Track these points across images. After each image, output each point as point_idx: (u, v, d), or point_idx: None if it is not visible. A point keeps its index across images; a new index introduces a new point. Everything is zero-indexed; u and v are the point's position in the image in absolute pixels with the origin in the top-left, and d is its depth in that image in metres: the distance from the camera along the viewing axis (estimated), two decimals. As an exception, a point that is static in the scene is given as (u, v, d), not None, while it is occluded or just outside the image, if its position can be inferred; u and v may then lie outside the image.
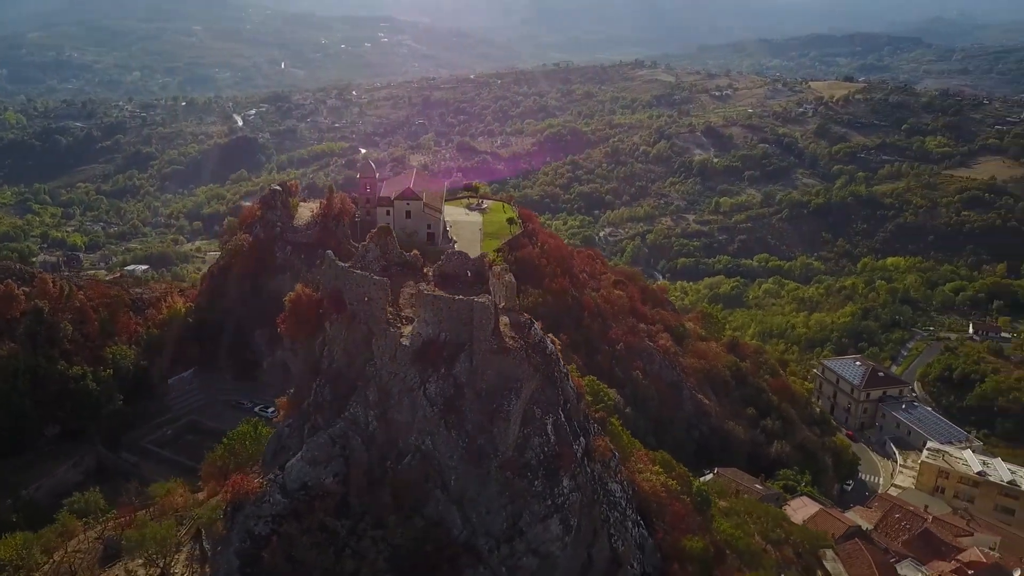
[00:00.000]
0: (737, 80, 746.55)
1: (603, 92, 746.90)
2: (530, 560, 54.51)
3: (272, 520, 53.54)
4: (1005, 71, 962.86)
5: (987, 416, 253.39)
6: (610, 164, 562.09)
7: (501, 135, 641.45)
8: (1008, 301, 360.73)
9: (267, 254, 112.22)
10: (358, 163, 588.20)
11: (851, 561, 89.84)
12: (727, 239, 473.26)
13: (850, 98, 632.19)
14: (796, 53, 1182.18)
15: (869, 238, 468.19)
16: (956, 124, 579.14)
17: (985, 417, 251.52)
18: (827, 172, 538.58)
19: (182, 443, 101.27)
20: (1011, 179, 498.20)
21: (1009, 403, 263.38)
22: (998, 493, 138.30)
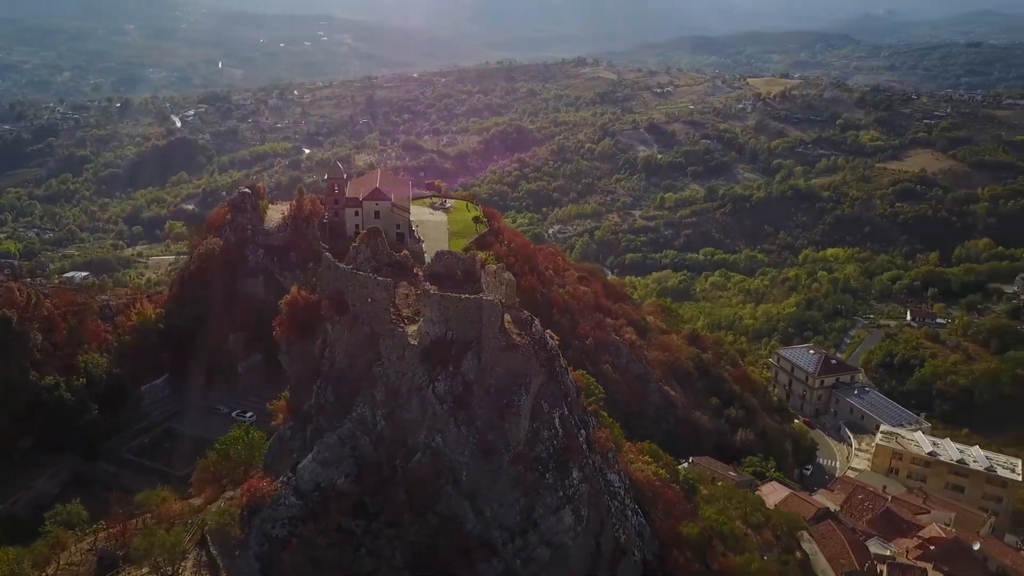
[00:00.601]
0: (678, 77, 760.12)
1: (547, 90, 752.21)
2: (543, 551, 56.29)
3: (288, 522, 54.11)
4: (929, 67, 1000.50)
5: (927, 399, 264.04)
6: (556, 162, 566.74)
7: (447, 134, 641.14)
8: (942, 288, 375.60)
9: (238, 258, 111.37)
10: (302, 164, 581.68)
11: (825, 541, 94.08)
12: (673, 234, 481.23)
13: (787, 94, 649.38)
14: (733, 50, 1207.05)
15: (809, 230, 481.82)
16: (887, 119, 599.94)
17: (925, 400, 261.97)
18: (767, 166, 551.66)
19: (160, 451, 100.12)
20: (940, 171, 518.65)
21: (947, 386, 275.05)
22: (948, 472, 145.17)
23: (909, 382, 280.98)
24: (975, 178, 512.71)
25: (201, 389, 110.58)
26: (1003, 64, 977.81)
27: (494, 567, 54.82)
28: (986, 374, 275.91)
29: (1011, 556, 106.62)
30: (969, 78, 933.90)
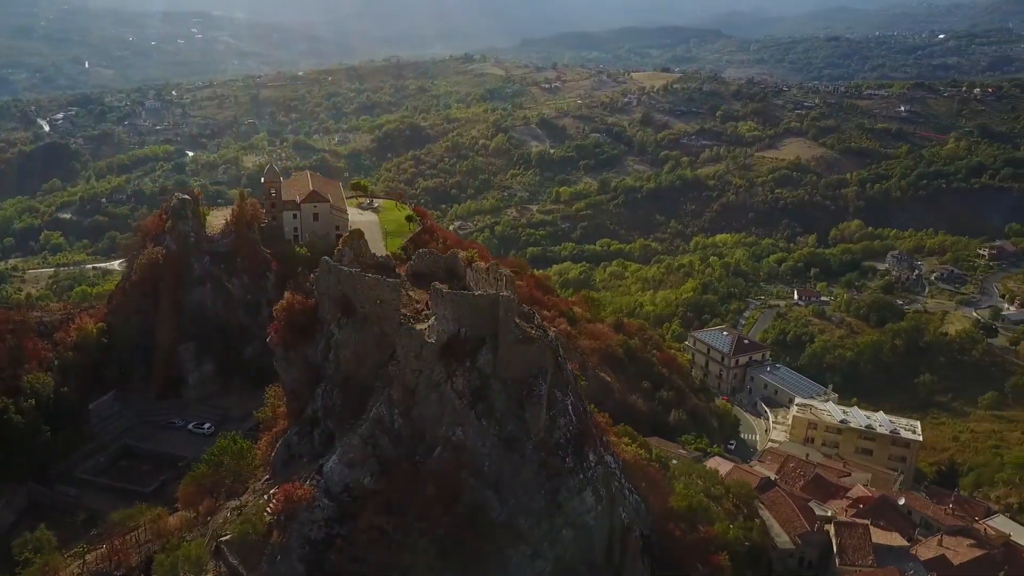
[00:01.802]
0: (564, 73, 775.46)
1: (436, 87, 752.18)
2: (568, 532, 59.54)
3: (325, 524, 55.02)
4: (795, 60, 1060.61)
5: (818, 373, 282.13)
6: (452, 158, 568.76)
7: (338, 132, 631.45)
8: (822, 268, 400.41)
9: (183, 266, 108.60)
10: (187, 168, 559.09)
11: (775, 507, 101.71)
12: (570, 227, 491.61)
13: (668, 88, 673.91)
14: (613, 46, 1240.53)
15: (698, 218, 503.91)
16: (762, 110, 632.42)
17: (816, 374, 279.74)
18: (655, 158, 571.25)
19: (118, 469, 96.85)
20: (813, 159, 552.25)
21: (835, 360, 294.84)
22: (858, 437, 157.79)
23: (802, 357, 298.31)
24: (844, 164, 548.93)
25: (150, 403, 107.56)
26: (859, 57, 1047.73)
27: (521, 551, 57.58)
28: (869, 346, 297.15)
29: (931, 508, 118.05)
30: (830, 70, 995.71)
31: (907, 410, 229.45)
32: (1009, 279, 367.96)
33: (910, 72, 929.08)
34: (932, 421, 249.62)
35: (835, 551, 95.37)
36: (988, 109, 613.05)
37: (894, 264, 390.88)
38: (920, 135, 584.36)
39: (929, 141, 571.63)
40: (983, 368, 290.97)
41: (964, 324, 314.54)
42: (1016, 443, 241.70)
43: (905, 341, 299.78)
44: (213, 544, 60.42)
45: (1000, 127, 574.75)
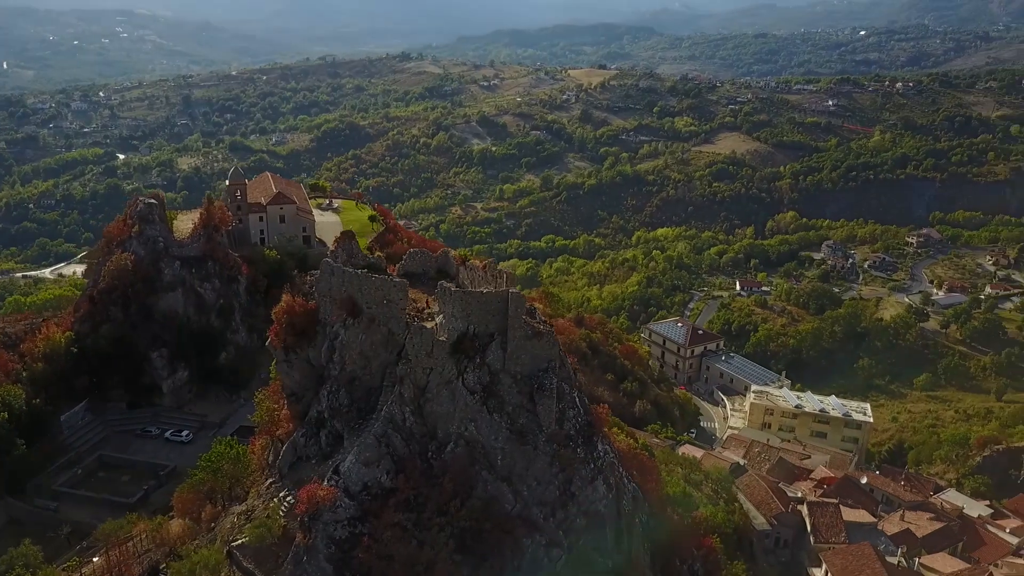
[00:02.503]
0: (502, 71, 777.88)
1: (374, 85, 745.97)
2: (581, 520, 61.31)
3: (348, 523, 55.47)
4: (725, 56, 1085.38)
5: (763, 360, 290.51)
6: (393, 157, 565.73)
7: (275, 132, 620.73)
8: (762, 259, 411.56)
9: (153, 272, 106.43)
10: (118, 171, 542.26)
11: (750, 491, 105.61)
12: (515, 224, 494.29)
13: (606, 84, 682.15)
14: (548, 43, 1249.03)
15: (639, 213, 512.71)
16: (697, 105, 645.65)
17: (761, 362, 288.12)
18: (595, 154, 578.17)
19: (96, 480, 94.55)
20: (747, 152, 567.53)
21: (779, 347, 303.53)
22: (812, 421, 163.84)
23: (746, 346, 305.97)
24: (777, 157, 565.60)
25: (123, 412, 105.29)
26: (786, 53, 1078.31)
27: (537, 541, 59.12)
28: (810, 333, 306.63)
29: (892, 486, 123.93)
30: (759, 66, 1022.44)
31: (848, 394, 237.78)
32: (936, 265, 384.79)
33: (834, 67, 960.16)
34: (872, 403, 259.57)
35: (809, 530, 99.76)
36: (909, 102, 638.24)
37: (829, 253, 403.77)
38: (847, 128, 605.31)
39: (856, 134, 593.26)
40: (917, 351, 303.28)
41: (898, 310, 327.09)
42: (951, 421, 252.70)
43: (844, 327, 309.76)
44: (224, 549, 60.29)
45: (921, 120, 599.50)
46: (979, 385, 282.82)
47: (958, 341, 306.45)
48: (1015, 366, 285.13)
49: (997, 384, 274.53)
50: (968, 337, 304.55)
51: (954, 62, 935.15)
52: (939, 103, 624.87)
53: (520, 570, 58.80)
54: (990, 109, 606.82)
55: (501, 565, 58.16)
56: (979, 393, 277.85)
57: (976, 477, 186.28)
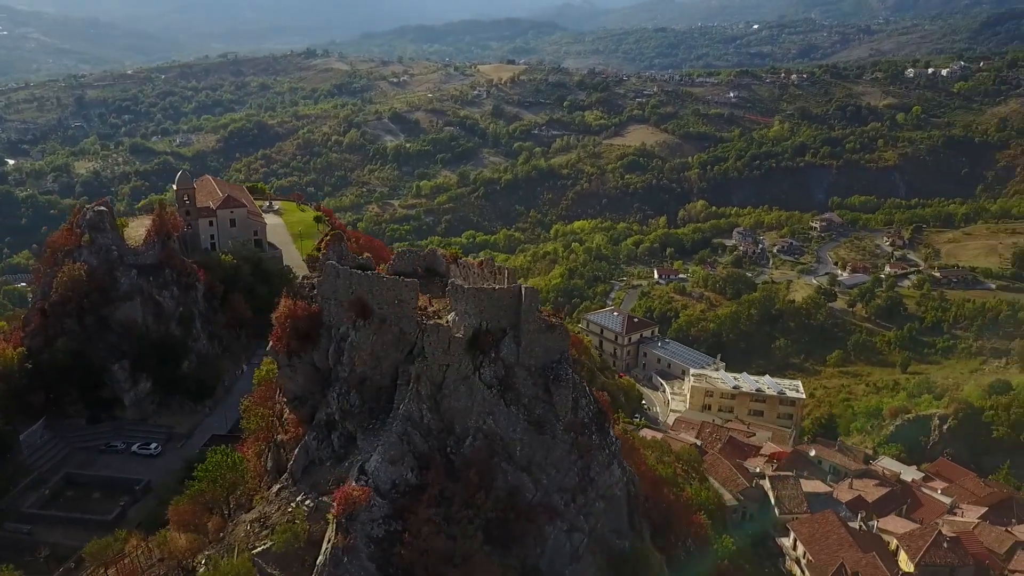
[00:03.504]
0: (411, 67, 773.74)
1: (280, 83, 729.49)
2: (600, 504, 63.69)
3: (383, 521, 55.96)
4: (627, 50, 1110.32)
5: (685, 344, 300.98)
6: (304, 156, 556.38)
7: (179, 133, 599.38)
8: (677, 248, 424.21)
9: (108, 282, 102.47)
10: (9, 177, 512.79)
11: (713, 469, 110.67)
12: (434, 220, 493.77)
13: (516, 80, 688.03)
14: (453, 38, 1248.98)
15: (556, 206, 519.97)
16: (606, 99, 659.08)
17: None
18: (509, 149, 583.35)
19: (66, 500, 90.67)
20: (656, 144, 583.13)
21: (700, 332, 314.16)
22: (750, 400, 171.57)
23: (668, 332, 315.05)
24: (685, 148, 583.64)
25: (83, 428, 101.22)
26: (685, 46, 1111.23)
27: (558, 527, 61.17)
28: (728, 317, 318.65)
29: (838, 456, 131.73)
30: (660, 59, 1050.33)
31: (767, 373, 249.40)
32: (839, 248, 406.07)
33: (731, 60, 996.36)
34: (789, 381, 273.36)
35: (773, 503, 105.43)
36: (804, 93, 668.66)
37: (740, 240, 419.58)
38: (749, 119, 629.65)
39: (757, 124, 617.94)
40: (827, 330, 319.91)
41: (808, 291, 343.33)
42: (862, 395, 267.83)
43: (759, 310, 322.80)
44: (249, 558, 59.72)
45: (816, 109, 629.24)
46: (885, 359, 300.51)
47: (864, 319, 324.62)
48: (916, 340, 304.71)
49: (901, 357, 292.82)
50: (873, 314, 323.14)
51: (840, 54, 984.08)
52: (831, 93, 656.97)
53: (543, 556, 60.91)
54: (877, 98, 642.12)
55: (525, 553, 60.08)
56: (886, 367, 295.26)
57: (890, 445, 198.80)
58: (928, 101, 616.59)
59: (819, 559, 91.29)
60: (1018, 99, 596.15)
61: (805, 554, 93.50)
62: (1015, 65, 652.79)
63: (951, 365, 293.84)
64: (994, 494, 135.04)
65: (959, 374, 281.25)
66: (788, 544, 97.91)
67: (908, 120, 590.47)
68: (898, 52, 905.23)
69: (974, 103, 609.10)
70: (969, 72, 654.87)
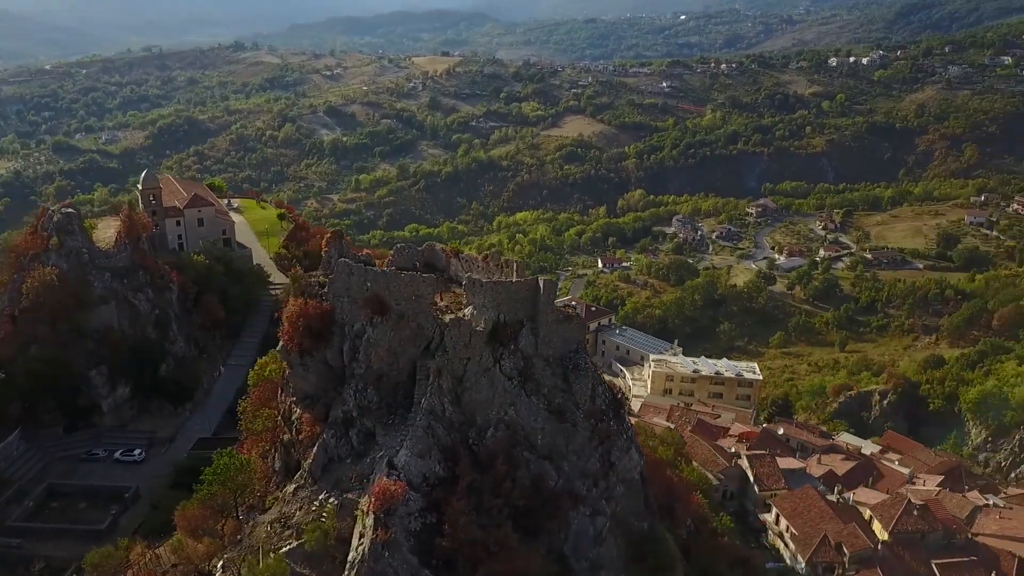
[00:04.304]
0: (344, 59, 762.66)
1: (208, 77, 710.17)
2: (620, 488, 65.50)
3: (419, 515, 56.45)
4: (559, 41, 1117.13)
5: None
6: (238, 151, 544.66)
7: (104, 130, 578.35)
8: (619, 237, 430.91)
9: (81, 286, 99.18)
10: None
11: (694, 451, 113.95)
12: (375, 214, 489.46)
13: (451, 71, 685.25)
14: (384, 30, 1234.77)
15: (497, 198, 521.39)
16: (542, 90, 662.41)
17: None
18: (448, 142, 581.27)
19: (52, 511, 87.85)
20: (593, 134, 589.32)
21: (646, 318, 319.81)
22: (710, 383, 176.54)
23: (615, 319, 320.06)
24: (621, 138, 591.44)
25: (59, 437, 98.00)
26: (615, 37, 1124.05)
27: (582, 512, 62.82)
28: (674, 303, 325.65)
29: (804, 434, 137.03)
30: (591, 50, 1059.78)
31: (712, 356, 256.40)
32: (775, 232, 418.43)
33: (661, 50, 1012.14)
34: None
35: (752, 480, 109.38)
36: (734, 82, 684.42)
37: (680, 227, 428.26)
38: (682, 108, 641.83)
39: (690, 114, 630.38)
40: (769, 312, 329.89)
41: (748, 276, 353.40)
42: (805, 374, 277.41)
43: (703, 295, 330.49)
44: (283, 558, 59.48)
45: (746, 98, 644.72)
46: (824, 339, 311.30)
47: (803, 301, 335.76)
48: (852, 319, 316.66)
49: (839, 337, 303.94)
50: (811, 296, 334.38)
51: (765, 44, 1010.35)
52: (760, 82, 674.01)
53: (568, 541, 62.52)
54: (803, 87, 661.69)
55: (550, 539, 61.58)
56: (825, 346, 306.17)
57: (835, 421, 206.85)
58: (851, 89, 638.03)
59: (802, 532, 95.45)
60: (934, 86, 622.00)
61: (788, 528, 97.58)
62: (930, 54, 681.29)
63: (885, 342, 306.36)
64: (944, 463, 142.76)
65: (894, 351, 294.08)
66: (771, 519, 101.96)
67: (833, 107, 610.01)
68: (819, 42, 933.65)
69: (893, 90, 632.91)
70: (888, 60, 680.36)
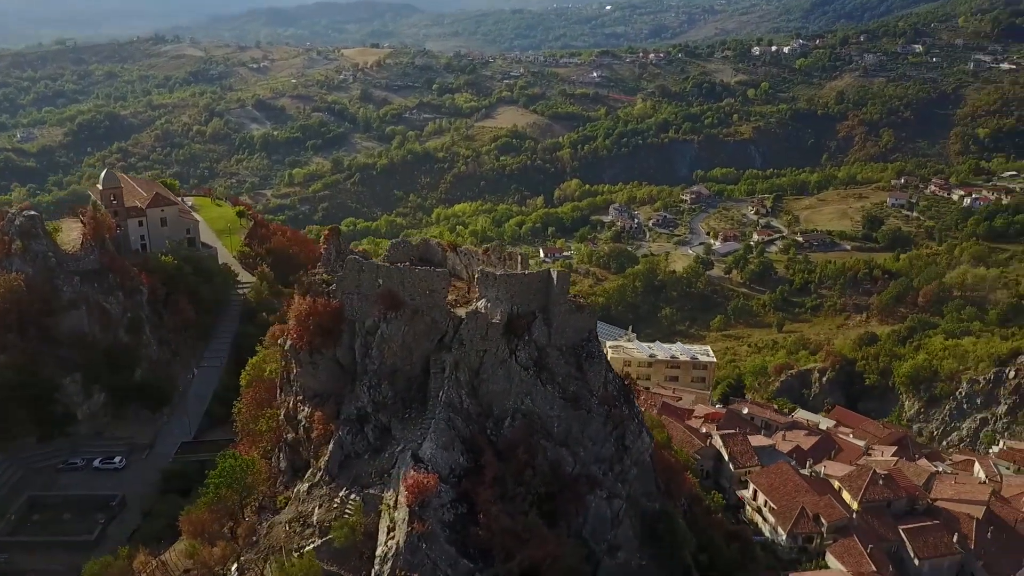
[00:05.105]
0: (271, 52, 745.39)
1: (128, 71, 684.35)
2: (634, 471, 67.51)
3: (451, 506, 57.11)
4: (487, 32, 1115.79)
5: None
6: (164, 147, 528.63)
7: (19, 128, 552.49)
8: (558, 226, 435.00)
9: (49, 291, 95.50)
10: None
11: (670, 432, 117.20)
12: (311, 209, 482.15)
13: (382, 63, 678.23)
14: (309, 22, 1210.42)
15: (435, 190, 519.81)
16: (474, 81, 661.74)
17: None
18: (381, 134, 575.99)
19: (36, 524, 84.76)
20: (527, 125, 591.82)
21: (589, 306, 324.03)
22: (666, 367, 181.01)
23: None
24: (555, 128, 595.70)
25: (35, 447, 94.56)
26: (543, 28, 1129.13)
27: (598, 495, 64.59)
28: (616, 290, 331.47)
29: (768, 412, 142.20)
30: (520, 41, 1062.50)
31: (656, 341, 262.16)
32: (710, 218, 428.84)
33: (588, 41, 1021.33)
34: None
35: (727, 459, 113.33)
36: (663, 72, 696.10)
37: (617, 215, 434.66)
38: (613, 98, 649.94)
39: (621, 103, 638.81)
40: (708, 296, 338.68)
41: (686, 261, 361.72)
42: (746, 355, 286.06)
43: (643, 282, 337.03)
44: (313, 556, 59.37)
45: (675, 87, 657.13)
46: (762, 320, 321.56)
47: (740, 284, 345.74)
48: (788, 301, 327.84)
49: (776, 318, 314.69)
50: (747, 280, 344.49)
51: (688, 33, 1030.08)
52: (687, 71, 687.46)
53: (586, 524, 64.35)
54: (729, 76, 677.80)
55: (569, 523, 63.30)
56: (763, 328, 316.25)
57: (778, 399, 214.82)
58: (774, 77, 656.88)
59: (781, 505, 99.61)
60: (851, 73, 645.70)
61: (766, 503, 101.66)
62: (846, 42, 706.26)
63: (820, 322, 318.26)
64: (892, 434, 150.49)
65: (828, 329, 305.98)
66: (748, 495, 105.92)
67: (758, 95, 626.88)
68: (741, 31, 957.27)
69: (814, 78, 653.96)
70: (807, 49, 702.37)
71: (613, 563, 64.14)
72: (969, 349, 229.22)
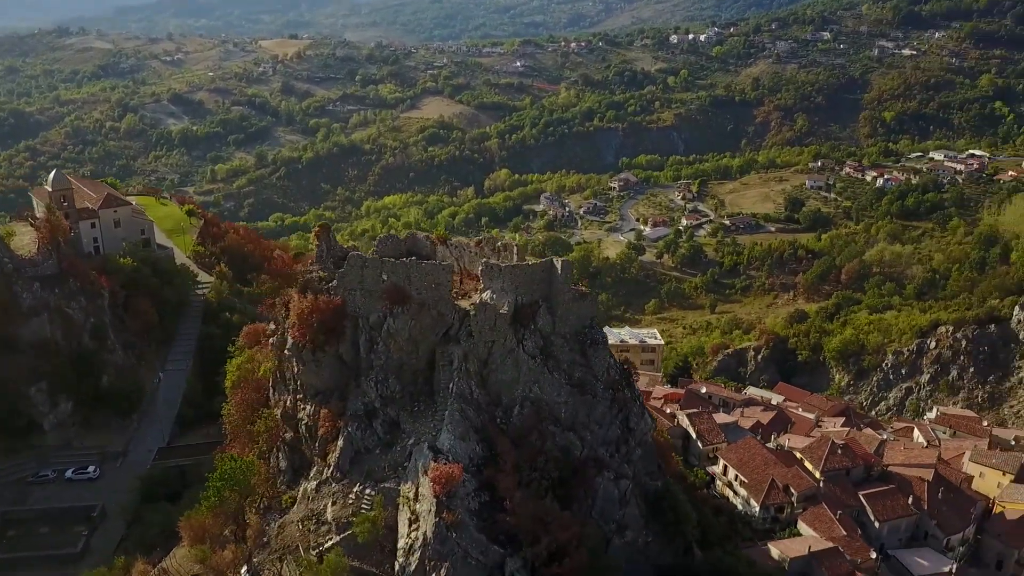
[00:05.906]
0: (184, 44, 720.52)
1: (31, 66, 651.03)
2: (638, 451, 69.61)
3: (475, 494, 57.81)
4: (406, 22, 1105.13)
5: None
6: (76, 145, 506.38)
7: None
8: (491, 216, 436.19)
9: (8, 298, 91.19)
10: None
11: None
12: (236, 205, 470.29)
13: (302, 55, 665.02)
14: (220, 12, 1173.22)
15: (363, 182, 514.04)
16: (398, 72, 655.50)
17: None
18: (305, 127, 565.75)
19: (13, 539, 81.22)
20: (454, 115, 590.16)
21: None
22: (616, 350, 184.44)
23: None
24: (481, 118, 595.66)
25: (2, 461, 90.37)
26: (462, 17, 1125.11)
27: (606, 477, 66.47)
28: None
29: (725, 391, 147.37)
30: (439, 30, 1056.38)
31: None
32: (639, 205, 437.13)
33: (508, 30, 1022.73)
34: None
35: (695, 437, 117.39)
36: (585, 60, 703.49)
37: (548, 204, 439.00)
38: (537, 87, 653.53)
39: (545, 92, 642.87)
40: (642, 281, 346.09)
41: (618, 248, 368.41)
42: (682, 336, 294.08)
43: (579, 269, 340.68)
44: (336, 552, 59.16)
45: (597, 76, 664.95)
46: (695, 303, 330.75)
47: (672, 268, 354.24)
48: (719, 283, 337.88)
49: (709, 300, 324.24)
50: (679, 264, 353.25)
51: (606, 22, 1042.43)
52: (608, 60, 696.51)
53: (595, 506, 66.36)
54: (649, 64, 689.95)
55: (579, 505, 65.19)
56: (696, 309, 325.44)
57: (717, 378, 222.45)
58: (692, 65, 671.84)
59: (751, 479, 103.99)
60: (765, 60, 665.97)
61: (737, 477, 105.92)
62: (759, 30, 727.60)
63: (750, 302, 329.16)
64: (835, 406, 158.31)
65: (758, 309, 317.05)
66: (719, 470, 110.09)
67: (677, 83, 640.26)
68: (657, 20, 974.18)
69: (730, 65, 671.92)
70: (723, 37, 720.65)
71: (622, 542, 66.48)
72: (892, 322, 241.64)
